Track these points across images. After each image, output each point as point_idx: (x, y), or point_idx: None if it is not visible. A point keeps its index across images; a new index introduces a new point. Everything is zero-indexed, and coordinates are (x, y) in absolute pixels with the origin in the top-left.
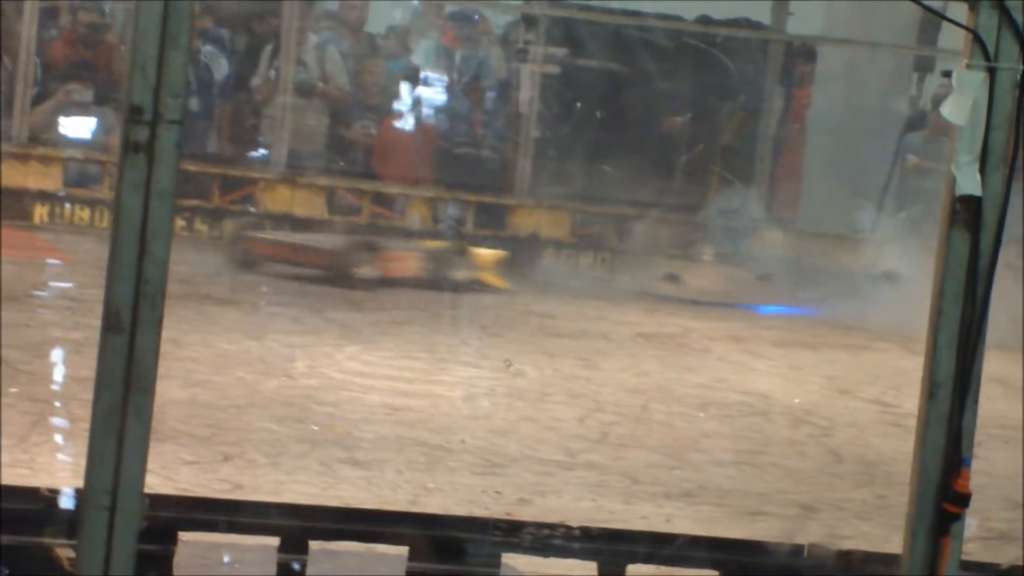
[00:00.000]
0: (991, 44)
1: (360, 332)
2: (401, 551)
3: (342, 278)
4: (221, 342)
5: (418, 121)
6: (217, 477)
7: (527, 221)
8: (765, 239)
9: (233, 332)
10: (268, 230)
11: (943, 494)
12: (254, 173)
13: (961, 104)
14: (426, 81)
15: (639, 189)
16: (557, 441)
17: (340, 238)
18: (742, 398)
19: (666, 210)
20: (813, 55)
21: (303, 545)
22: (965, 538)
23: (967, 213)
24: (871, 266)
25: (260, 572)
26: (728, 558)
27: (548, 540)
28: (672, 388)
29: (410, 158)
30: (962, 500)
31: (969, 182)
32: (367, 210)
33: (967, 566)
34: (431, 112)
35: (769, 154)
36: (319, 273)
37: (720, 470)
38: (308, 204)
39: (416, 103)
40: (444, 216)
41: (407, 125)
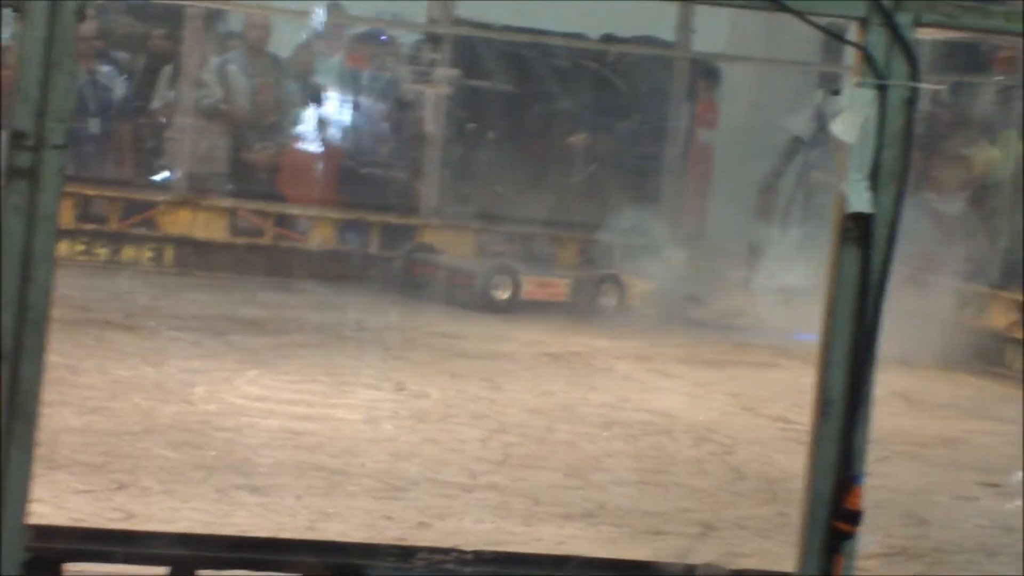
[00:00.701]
0: (881, 62)
1: (261, 356)
2: None
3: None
4: (118, 368)
5: (323, 142)
6: (110, 506)
7: (432, 240)
8: (669, 257)
9: (131, 358)
10: (431, 254)
11: (835, 512)
12: (155, 196)
13: (852, 122)
14: (331, 101)
15: (541, 207)
16: (459, 463)
17: (485, 262)
18: (646, 417)
19: (569, 228)
20: (717, 73)
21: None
22: (866, 554)
23: (858, 230)
24: (774, 282)
25: None
26: None
27: (441, 565)
28: (576, 408)
29: (314, 179)
30: (854, 518)
31: (860, 199)
32: (270, 231)
33: None
34: (336, 132)
35: (674, 171)
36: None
37: (622, 490)
38: (210, 226)
39: (321, 123)
40: (349, 237)
41: (311, 146)
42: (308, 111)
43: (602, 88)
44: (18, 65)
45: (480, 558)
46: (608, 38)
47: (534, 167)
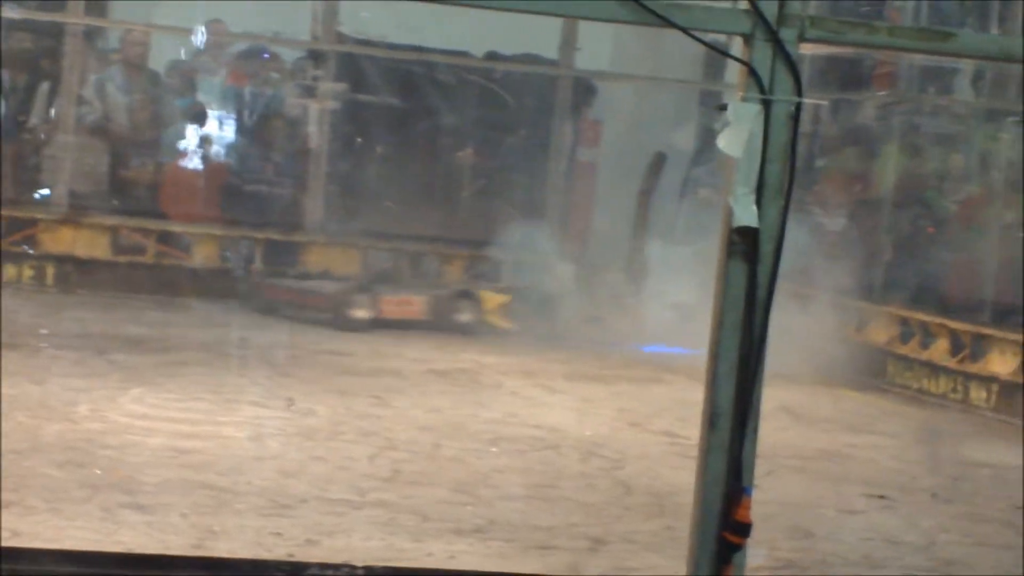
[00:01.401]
0: (766, 77)
1: (144, 374)
2: None
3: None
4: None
5: (205, 159)
6: None
7: (318, 258)
8: (554, 273)
9: (14, 376)
10: (283, 278)
11: (724, 524)
12: (35, 214)
13: (737, 136)
14: (213, 118)
15: (427, 224)
16: (347, 480)
17: (340, 284)
18: (533, 432)
19: (455, 245)
20: (596, 91)
21: None
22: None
23: (744, 244)
24: (659, 299)
25: None
26: None
27: None
28: (464, 424)
29: (197, 196)
30: (743, 530)
31: (746, 213)
32: (153, 249)
33: None
34: (219, 149)
35: (559, 188)
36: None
37: (511, 505)
38: (91, 244)
39: (203, 140)
40: (232, 255)
41: (193, 163)
42: (189, 128)
43: (486, 105)
44: None
45: (371, 573)
46: (492, 56)
47: (419, 183)
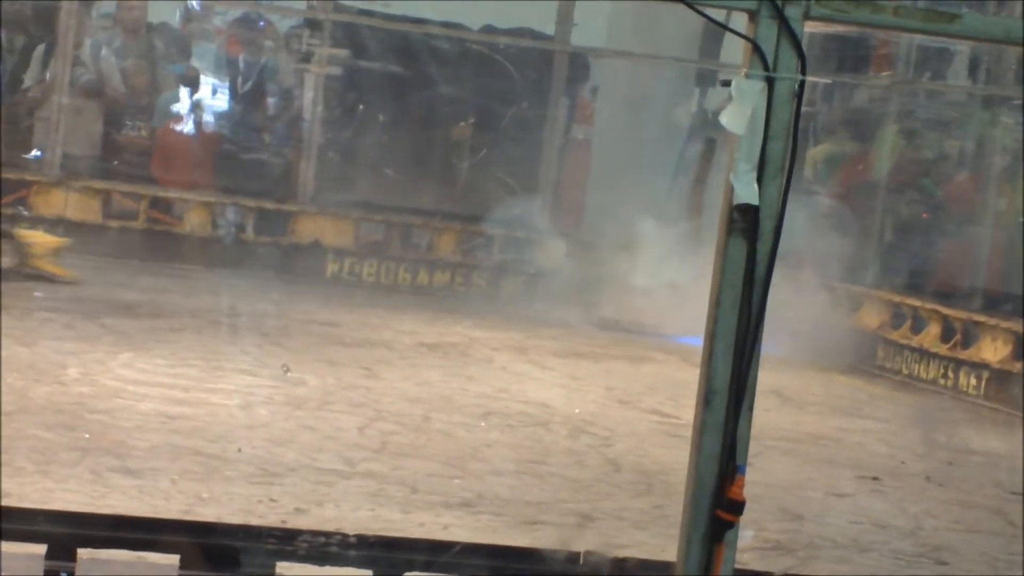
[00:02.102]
0: (770, 54)
1: (135, 339)
2: (172, 559)
3: None
4: None
5: (198, 125)
6: None
7: (309, 228)
8: (547, 249)
9: (4, 338)
10: None
11: (717, 501)
12: (28, 176)
13: (740, 113)
14: (208, 85)
15: (421, 196)
16: (336, 450)
17: None
18: (523, 408)
19: (448, 218)
20: (591, 68)
21: (71, 553)
22: (741, 548)
23: (745, 222)
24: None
25: None
26: (504, 565)
27: (323, 548)
28: (454, 398)
29: (189, 162)
30: (736, 507)
31: (747, 191)
32: (144, 214)
33: (740, 574)
34: (213, 116)
35: (554, 163)
36: None
37: (500, 479)
38: (83, 208)
39: (196, 107)
40: (223, 221)
41: (186, 129)
42: (184, 94)
43: (483, 78)
44: None
45: (363, 542)
46: (488, 29)
47: (414, 155)
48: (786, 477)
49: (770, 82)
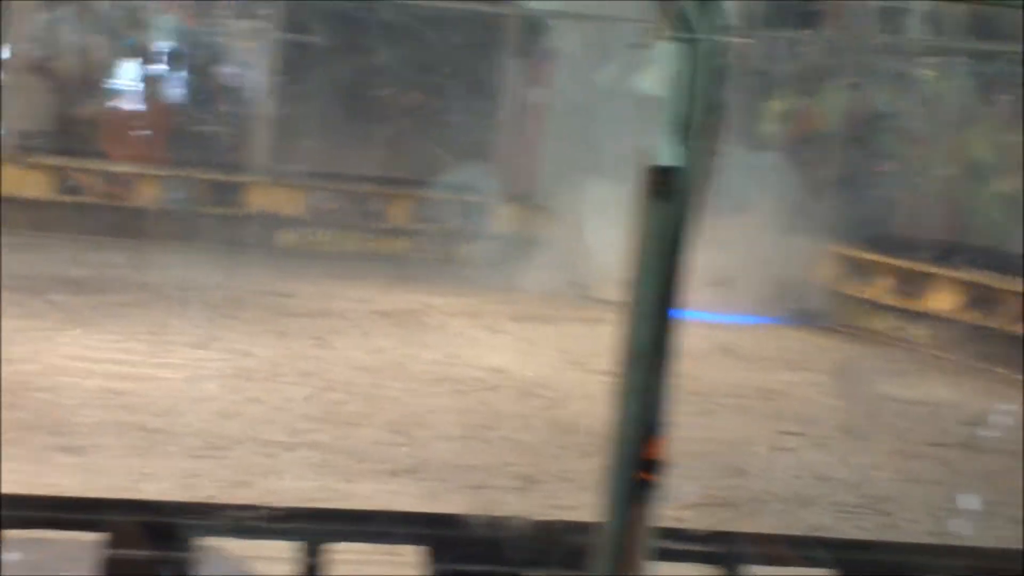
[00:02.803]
0: (691, 15)
1: (83, 315)
2: (101, 538)
3: None
4: None
5: (150, 99)
6: None
7: (262, 199)
8: (501, 213)
9: None
10: None
11: (638, 462)
12: None
13: (661, 75)
14: (159, 58)
15: (373, 164)
16: (283, 421)
17: None
18: (475, 373)
19: (401, 185)
20: (549, 30)
21: None
22: (685, 504)
23: (665, 184)
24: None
25: None
26: (428, 532)
27: (249, 521)
28: (405, 364)
29: (141, 136)
30: (655, 467)
31: (668, 152)
32: (97, 190)
33: (666, 534)
34: (165, 90)
35: (508, 127)
36: None
37: (447, 445)
38: (35, 184)
39: (149, 81)
40: (175, 195)
41: (139, 103)
42: (136, 68)
43: (432, 45)
44: None
45: (291, 514)
46: None
47: (366, 123)
48: (732, 433)
49: (692, 43)
